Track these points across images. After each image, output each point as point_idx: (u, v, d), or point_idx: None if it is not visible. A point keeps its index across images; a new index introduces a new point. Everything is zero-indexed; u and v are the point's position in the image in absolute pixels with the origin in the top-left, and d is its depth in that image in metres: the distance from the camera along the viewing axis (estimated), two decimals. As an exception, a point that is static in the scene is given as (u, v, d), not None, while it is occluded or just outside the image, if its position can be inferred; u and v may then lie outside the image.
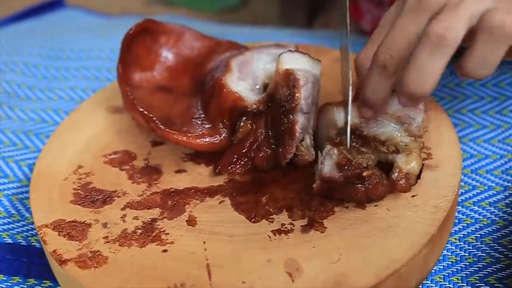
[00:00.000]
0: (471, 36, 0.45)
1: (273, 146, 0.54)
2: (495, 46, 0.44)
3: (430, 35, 0.44)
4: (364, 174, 0.49)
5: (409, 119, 0.51)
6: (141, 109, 0.56)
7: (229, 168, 0.54)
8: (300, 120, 0.51)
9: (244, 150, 0.54)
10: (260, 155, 0.54)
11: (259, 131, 0.54)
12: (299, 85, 0.51)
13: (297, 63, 0.52)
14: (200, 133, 0.55)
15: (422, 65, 0.45)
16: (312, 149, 0.53)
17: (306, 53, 0.53)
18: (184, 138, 0.54)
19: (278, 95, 0.52)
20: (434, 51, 0.44)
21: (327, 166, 0.49)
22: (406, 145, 0.50)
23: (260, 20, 1.20)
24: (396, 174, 0.49)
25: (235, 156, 0.54)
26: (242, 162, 0.54)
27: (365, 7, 0.83)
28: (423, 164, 0.50)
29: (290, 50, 0.54)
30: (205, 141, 0.55)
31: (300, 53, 0.53)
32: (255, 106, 0.54)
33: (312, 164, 0.53)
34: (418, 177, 0.49)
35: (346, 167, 0.49)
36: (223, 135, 0.55)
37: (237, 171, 0.54)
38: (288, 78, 0.51)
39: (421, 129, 0.55)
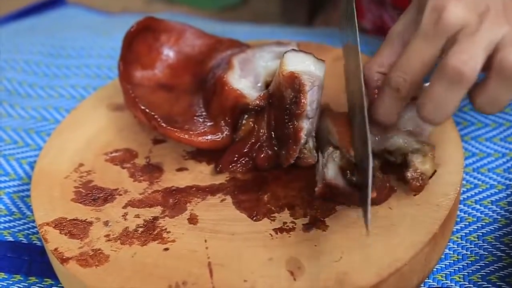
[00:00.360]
0: (486, 65, 0.44)
1: (275, 148, 0.54)
2: (508, 87, 0.44)
3: (448, 69, 0.43)
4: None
5: (418, 129, 0.51)
6: (142, 107, 0.56)
7: (230, 167, 0.54)
8: (305, 126, 0.51)
9: (245, 150, 0.54)
10: (262, 155, 0.54)
11: (261, 131, 0.54)
12: (305, 91, 0.51)
13: (301, 64, 0.52)
14: (202, 131, 0.55)
15: (438, 98, 0.44)
16: (314, 151, 0.52)
17: (310, 53, 0.53)
18: (186, 136, 0.54)
19: (282, 96, 0.52)
20: (451, 85, 0.43)
21: (331, 171, 0.49)
22: (418, 149, 0.50)
23: (261, 18, 1.20)
24: (412, 172, 0.49)
25: (236, 155, 0.54)
26: (243, 162, 0.54)
27: (366, 6, 0.83)
28: (435, 170, 0.50)
29: (294, 50, 0.53)
30: (207, 139, 0.55)
31: (304, 53, 0.53)
32: (256, 102, 0.53)
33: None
34: (427, 180, 0.49)
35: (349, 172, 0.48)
36: (225, 133, 0.55)
37: (238, 170, 0.54)
38: (293, 82, 0.51)
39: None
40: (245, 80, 0.56)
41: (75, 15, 0.91)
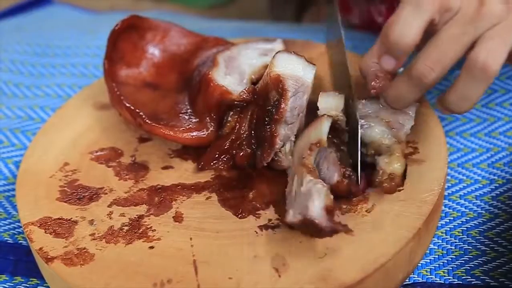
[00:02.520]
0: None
1: (254, 147, 0.54)
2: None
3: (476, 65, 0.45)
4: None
5: (398, 124, 0.51)
6: (127, 105, 0.56)
7: (212, 164, 0.54)
8: (282, 132, 0.51)
9: (226, 147, 0.54)
10: (241, 153, 0.53)
11: (243, 128, 0.54)
12: (287, 97, 0.50)
13: (290, 66, 0.51)
14: (187, 127, 0.55)
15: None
16: (290, 156, 0.52)
17: (302, 56, 0.52)
18: (171, 132, 0.54)
19: (267, 97, 0.52)
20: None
21: (317, 209, 0.45)
22: (388, 147, 0.50)
23: (249, 15, 1.20)
24: (380, 176, 0.49)
25: (217, 153, 0.54)
26: (225, 159, 0.54)
27: (353, 1, 0.83)
28: (406, 165, 0.50)
29: (286, 51, 0.52)
30: (192, 135, 0.55)
31: (296, 56, 0.52)
32: (242, 97, 0.53)
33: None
34: (404, 177, 0.49)
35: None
36: (211, 129, 0.55)
37: (220, 167, 0.54)
38: (278, 85, 0.51)
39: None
40: (230, 77, 0.56)
41: (62, 14, 0.90)
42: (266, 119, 0.51)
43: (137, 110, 0.55)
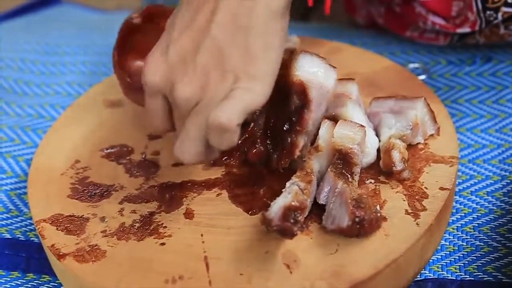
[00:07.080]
0: None
1: (269, 147, 0.53)
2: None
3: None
4: (297, 232, 0.44)
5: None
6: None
7: (224, 159, 0.54)
8: (301, 143, 0.51)
9: (238, 143, 0.54)
10: (254, 151, 0.53)
11: (257, 125, 0.54)
12: (311, 109, 0.50)
13: (313, 70, 0.50)
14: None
15: None
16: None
17: (324, 59, 0.51)
18: None
19: (287, 99, 0.51)
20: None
21: (275, 208, 0.45)
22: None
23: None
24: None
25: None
26: (237, 155, 0.54)
27: (359, 1, 0.82)
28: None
29: (309, 53, 0.51)
30: None
31: (319, 59, 0.51)
32: None
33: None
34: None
35: (292, 214, 0.45)
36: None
37: (231, 163, 0.54)
38: (302, 92, 0.50)
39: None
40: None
41: (70, 13, 0.91)
42: (286, 125, 0.51)
43: None
